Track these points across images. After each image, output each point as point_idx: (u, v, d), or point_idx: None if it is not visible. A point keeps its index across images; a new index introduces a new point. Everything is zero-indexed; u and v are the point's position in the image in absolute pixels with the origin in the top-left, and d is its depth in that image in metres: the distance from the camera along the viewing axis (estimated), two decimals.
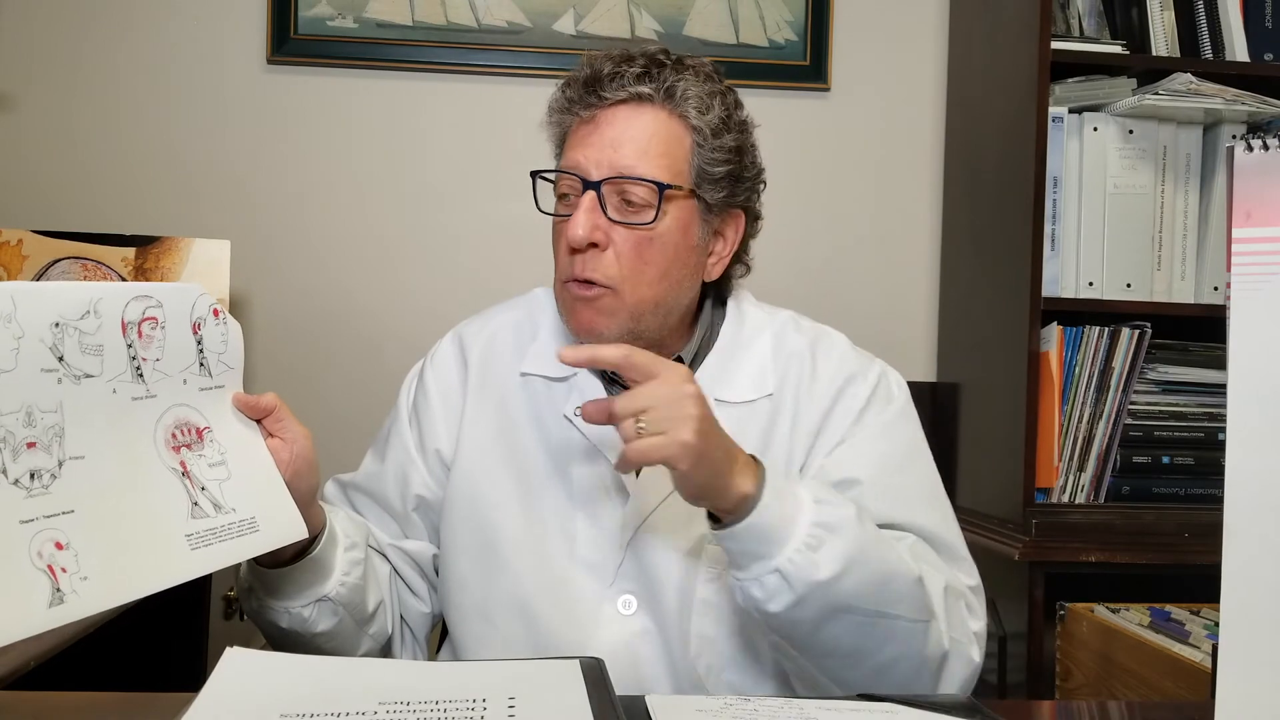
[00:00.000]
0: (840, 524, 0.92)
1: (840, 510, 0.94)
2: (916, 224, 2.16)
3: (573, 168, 1.04)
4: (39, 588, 0.70)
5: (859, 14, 2.13)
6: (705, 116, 1.04)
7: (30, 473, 0.72)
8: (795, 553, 0.89)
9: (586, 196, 1.02)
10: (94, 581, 0.72)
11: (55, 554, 0.71)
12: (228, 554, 0.86)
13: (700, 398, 0.89)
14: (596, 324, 1.03)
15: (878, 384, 1.11)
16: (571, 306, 1.05)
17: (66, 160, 2.01)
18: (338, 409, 2.00)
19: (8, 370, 0.71)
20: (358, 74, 2.05)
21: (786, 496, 0.92)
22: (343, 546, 1.03)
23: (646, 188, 1.02)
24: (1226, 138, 1.85)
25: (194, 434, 0.88)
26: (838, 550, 0.91)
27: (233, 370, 0.92)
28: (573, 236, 1.00)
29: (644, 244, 1.03)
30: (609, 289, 1.02)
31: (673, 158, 1.04)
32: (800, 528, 0.90)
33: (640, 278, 1.03)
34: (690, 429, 0.87)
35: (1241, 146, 0.66)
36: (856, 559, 0.92)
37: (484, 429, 1.12)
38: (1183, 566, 1.69)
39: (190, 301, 0.88)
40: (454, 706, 0.72)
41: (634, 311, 1.04)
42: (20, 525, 0.70)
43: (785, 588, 0.89)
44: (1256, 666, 0.64)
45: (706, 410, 0.89)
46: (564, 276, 1.04)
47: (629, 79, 1.03)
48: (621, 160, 1.02)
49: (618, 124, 1.03)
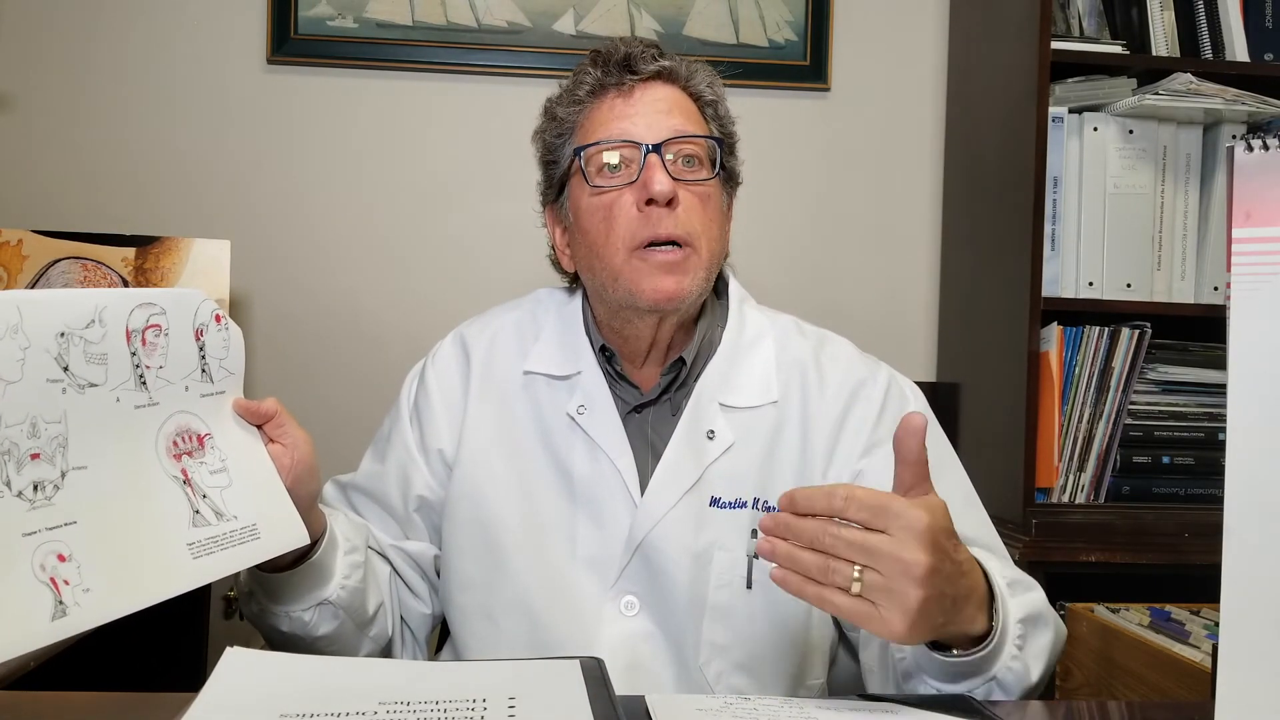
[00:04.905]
0: (1036, 612, 0.91)
1: (1030, 595, 0.93)
2: (916, 224, 2.16)
3: (625, 136, 1.04)
4: (42, 601, 0.69)
5: (859, 14, 2.13)
6: (715, 91, 1.09)
7: (34, 484, 0.71)
8: (1011, 659, 0.86)
9: (651, 157, 1.02)
10: (96, 593, 0.72)
11: (58, 566, 0.71)
12: (229, 562, 0.86)
13: (930, 574, 0.76)
14: (683, 287, 1.02)
15: (889, 387, 1.11)
16: (650, 274, 1.02)
17: (66, 160, 2.01)
18: (338, 409, 2.00)
19: (13, 381, 0.71)
20: (358, 74, 2.05)
21: (1005, 606, 0.86)
22: (343, 550, 1.03)
23: (703, 144, 1.05)
24: (1226, 138, 1.85)
25: (195, 441, 0.87)
26: (1042, 643, 0.91)
27: (234, 376, 0.92)
28: (660, 190, 1.00)
29: (705, 200, 1.05)
30: (690, 246, 1.03)
31: (704, 125, 1.08)
32: (1011, 630, 0.87)
33: (710, 232, 1.05)
34: (903, 617, 0.76)
35: (1241, 146, 0.66)
36: (1051, 645, 0.92)
37: (486, 428, 1.12)
38: (1183, 566, 1.69)
39: (193, 308, 0.87)
40: (454, 706, 0.72)
41: (709, 268, 1.05)
42: (23, 538, 0.70)
43: (998, 692, 0.87)
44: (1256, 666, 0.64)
45: (931, 589, 0.76)
46: (633, 243, 1.02)
47: (653, 55, 1.06)
48: (674, 122, 1.04)
49: (656, 94, 1.06)
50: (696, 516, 1.05)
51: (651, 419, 1.10)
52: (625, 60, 1.06)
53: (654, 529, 1.04)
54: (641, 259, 1.02)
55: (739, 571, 1.04)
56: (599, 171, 1.05)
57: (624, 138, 1.03)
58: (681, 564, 1.04)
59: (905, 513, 0.77)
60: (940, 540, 0.78)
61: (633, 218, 1.02)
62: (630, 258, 1.02)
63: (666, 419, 1.10)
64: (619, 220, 1.02)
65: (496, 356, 1.15)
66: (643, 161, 1.02)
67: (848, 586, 0.76)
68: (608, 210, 1.03)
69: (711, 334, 1.13)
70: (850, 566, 0.76)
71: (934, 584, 0.77)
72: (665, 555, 1.04)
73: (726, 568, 1.04)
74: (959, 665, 0.85)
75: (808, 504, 0.79)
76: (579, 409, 1.09)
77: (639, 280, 1.02)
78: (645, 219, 1.01)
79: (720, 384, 1.09)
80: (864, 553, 0.76)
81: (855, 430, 1.08)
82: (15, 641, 0.67)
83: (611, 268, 1.04)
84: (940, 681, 0.87)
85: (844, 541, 0.77)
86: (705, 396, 1.09)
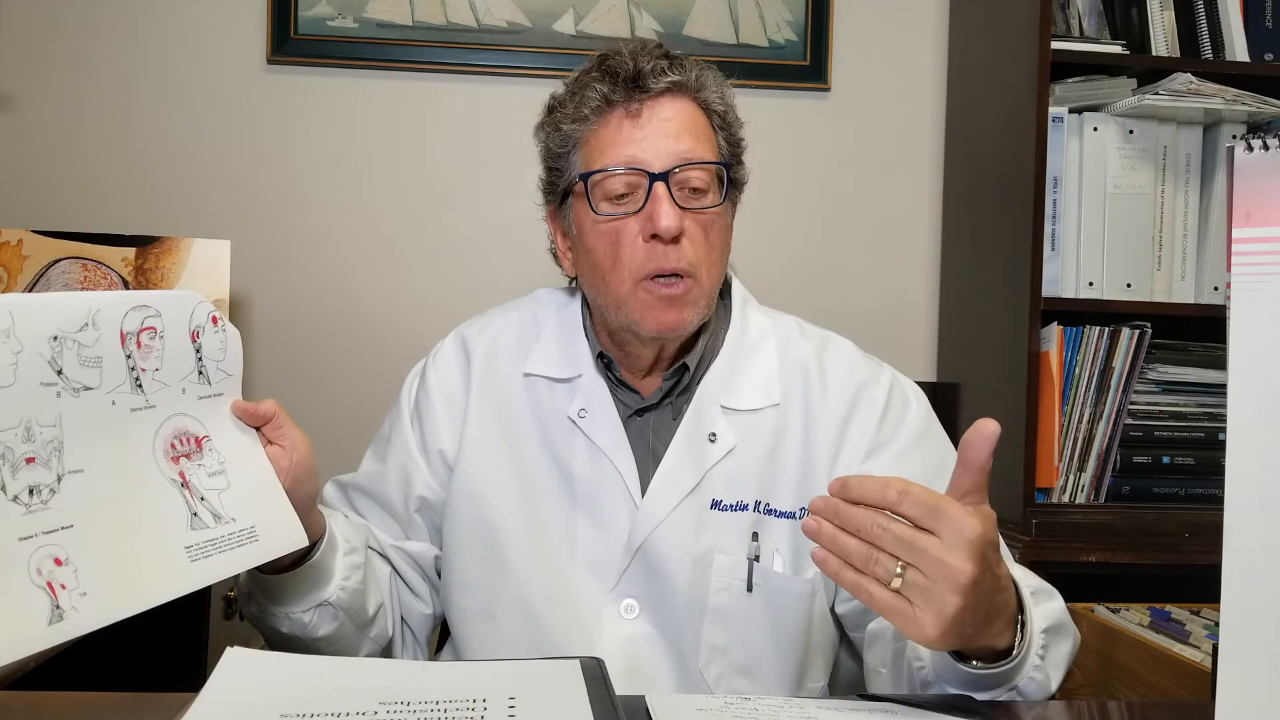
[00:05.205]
0: (1058, 622, 0.91)
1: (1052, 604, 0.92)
2: (916, 224, 2.16)
3: (633, 163, 1.02)
4: (38, 605, 0.69)
5: (859, 14, 2.13)
6: (725, 100, 1.07)
7: (29, 488, 0.71)
8: (1034, 669, 0.85)
9: (658, 187, 1.00)
10: (93, 597, 0.72)
11: (54, 570, 0.71)
12: (227, 564, 0.85)
13: (972, 585, 0.75)
14: (684, 318, 1.03)
15: (891, 388, 1.11)
16: (653, 307, 1.02)
17: (66, 160, 2.01)
18: (338, 409, 2.00)
19: (6, 386, 0.70)
20: (358, 74, 2.05)
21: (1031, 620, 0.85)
22: (342, 551, 1.03)
23: (708, 171, 1.03)
24: (1226, 138, 1.85)
25: (193, 443, 0.87)
26: (1063, 652, 0.90)
27: (232, 378, 0.91)
28: (668, 227, 0.99)
29: (710, 227, 1.04)
30: (693, 277, 1.02)
31: (713, 141, 1.06)
32: (1034, 643, 0.86)
33: (711, 261, 1.04)
34: (938, 621, 0.75)
35: (1241, 146, 0.66)
36: (1070, 653, 0.92)
37: (487, 429, 1.12)
38: (1183, 566, 1.69)
39: (189, 309, 0.87)
40: (454, 706, 0.71)
41: (710, 296, 1.05)
42: (19, 542, 0.70)
43: (1019, 699, 0.86)
44: (1256, 666, 0.64)
45: (970, 600, 0.75)
46: (638, 274, 1.02)
47: (663, 69, 1.03)
48: (682, 147, 1.02)
49: (665, 114, 1.03)
50: (697, 519, 1.05)
51: (653, 422, 1.10)
52: (635, 77, 1.03)
53: (654, 532, 1.04)
54: (646, 290, 1.02)
55: (739, 574, 1.04)
56: (605, 199, 1.03)
57: (631, 164, 1.01)
58: (682, 567, 1.04)
59: (959, 518, 0.75)
60: (987, 553, 0.77)
61: (639, 249, 1.01)
62: (636, 289, 1.02)
63: (667, 422, 1.10)
64: (624, 250, 1.02)
65: (497, 357, 1.15)
66: (648, 191, 1.00)
67: (888, 581, 0.75)
68: (614, 238, 1.03)
69: (714, 337, 1.13)
70: (894, 561, 0.75)
71: (973, 595, 0.75)
72: (665, 558, 1.04)
73: (727, 570, 1.04)
74: (984, 677, 0.84)
75: (860, 492, 0.77)
76: (580, 412, 1.09)
77: (643, 311, 1.03)
78: (650, 251, 1.01)
79: (722, 387, 1.09)
80: (911, 550, 0.75)
81: (858, 433, 1.08)
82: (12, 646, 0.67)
83: (617, 296, 1.04)
84: (962, 690, 0.87)
85: (892, 535, 0.75)
86: (707, 399, 1.09)
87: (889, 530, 0.76)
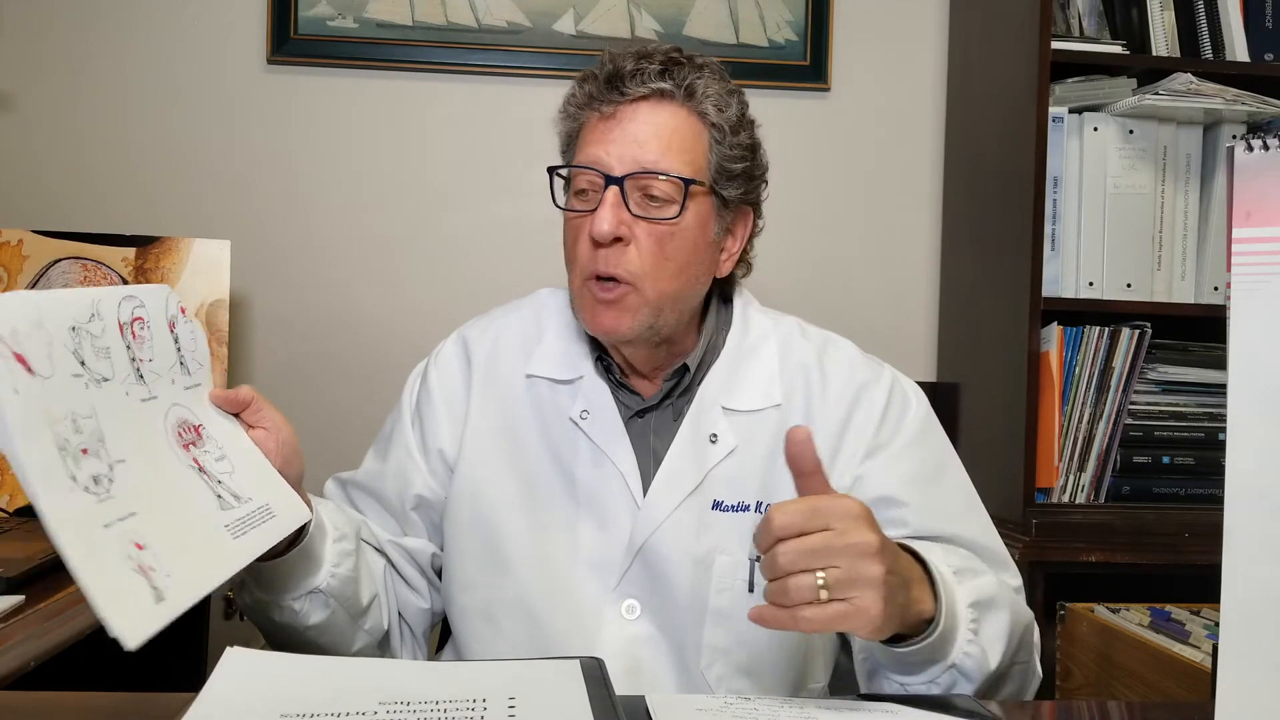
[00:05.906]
0: (987, 596, 0.92)
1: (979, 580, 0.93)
2: (916, 224, 2.16)
3: (593, 163, 1.03)
4: (141, 588, 0.68)
5: (859, 14, 2.13)
6: (724, 114, 1.05)
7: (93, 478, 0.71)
8: (967, 644, 0.87)
9: (610, 192, 1.01)
10: (177, 577, 0.72)
11: (139, 554, 0.70)
12: (262, 539, 0.87)
13: (881, 549, 0.78)
14: (619, 324, 1.03)
15: (892, 389, 1.11)
16: (592, 307, 1.04)
17: (67, 160, 2.01)
18: (338, 409, 2.00)
19: (48, 377, 0.70)
20: (358, 74, 2.05)
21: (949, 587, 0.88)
22: (332, 538, 1.03)
23: (671, 183, 1.02)
24: (1226, 138, 1.85)
25: (194, 432, 0.88)
26: (998, 627, 0.91)
27: (204, 368, 0.94)
28: (598, 231, 1.00)
29: (666, 239, 1.03)
30: (631, 285, 1.02)
31: (693, 154, 1.04)
32: (962, 615, 0.87)
33: (661, 272, 1.03)
34: (877, 597, 0.76)
35: (1241, 146, 0.66)
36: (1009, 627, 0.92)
37: (488, 430, 1.12)
38: (1183, 566, 1.69)
39: (164, 300, 0.89)
40: (454, 706, 0.72)
41: (655, 307, 1.04)
42: (104, 529, 0.69)
43: (963, 681, 0.88)
44: (1256, 666, 0.64)
45: (886, 564, 0.78)
46: (584, 274, 1.04)
47: (650, 75, 1.03)
48: (645, 156, 1.02)
49: (640, 120, 1.03)
50: (698, 520, 1.05)
51: (654, 423, 1.10)
52: (615, 78, 1.03)
53: (655, 533, 1.04)
54: (589, 290, 1.04)
55: (741, 575, 1.04)
56: (573, 194, 1.07)
57: (593, 164, 1.03)
58: (683, 568, 1.04)
59: (837, 503, 0.79)
60: (875, 521, 0.80)
61: (586, 248, 1.03)
62: (582, 287, 1.05)
63: (668, 423, 1.10)
64: (579, 247, 1.05)
65: (499, 358, 1.15)
66: (602, 194, 1.02)
67: (814, 595, 0.76)
68: (574, 234, 1.06)
69: (715, 338, 1.13)
70: (810, 575, 0.76)
71: (888, 559, 0.78)
72: (666, 559, 1.04)
73: (728, 571, 1.04)
74: (915, 654, 0.85)
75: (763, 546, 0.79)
76: (582, 414, 1.09)
77: (586, 310, 1.05)
78: (592, 253, 1.03)
79: (723, 388, 1.09)
80: (815, 554, 0.76)
81: (857, 433, 1.08)
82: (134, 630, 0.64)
83: (572, 289, 1.07)
84: (901, 674, 0.88)
85: (794, 553, 0.77)
86: (708, 400, 1.09)
87: (788, 552, 0.77)
